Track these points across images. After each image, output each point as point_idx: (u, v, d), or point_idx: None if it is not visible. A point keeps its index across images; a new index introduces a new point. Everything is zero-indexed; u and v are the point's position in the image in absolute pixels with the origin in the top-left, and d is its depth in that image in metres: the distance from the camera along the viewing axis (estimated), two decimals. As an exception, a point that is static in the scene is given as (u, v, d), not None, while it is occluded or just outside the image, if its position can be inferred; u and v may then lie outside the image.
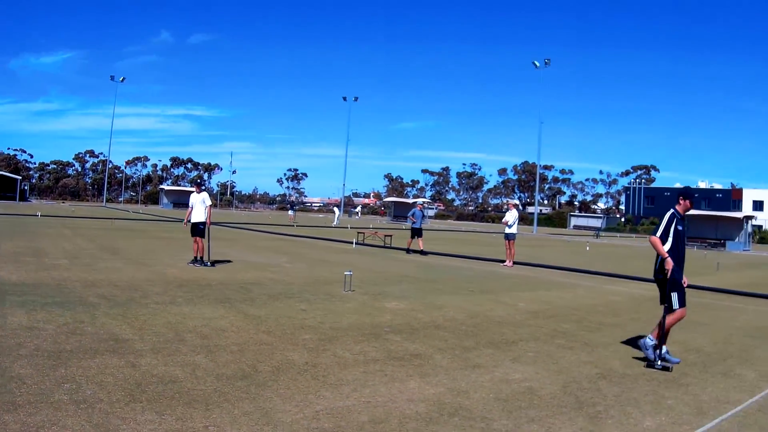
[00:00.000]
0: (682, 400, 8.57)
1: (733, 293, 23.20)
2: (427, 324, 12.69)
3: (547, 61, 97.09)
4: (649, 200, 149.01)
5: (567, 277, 25.80)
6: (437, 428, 6.65)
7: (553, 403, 7.94)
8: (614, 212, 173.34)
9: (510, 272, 26.04)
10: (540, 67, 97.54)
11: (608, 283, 24.02)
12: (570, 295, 19.43)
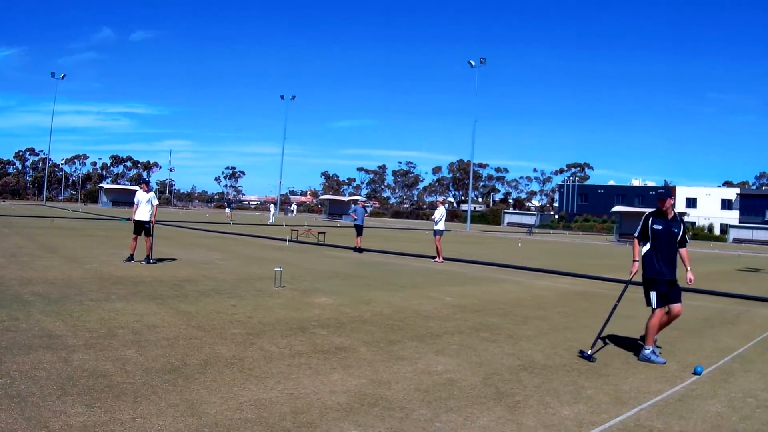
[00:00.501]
0: (602, 390, 8.78)
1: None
2: (354, 318, 12.84)
3: (483, 60, 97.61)
4: (582, 198, 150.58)
5: (496, 272, 26.07)
6: (357, 418, 6.77)
7: (473, 393, 8.10)
8: (548, 209, 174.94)
9: (440, 268, 26.23)
10: (476, 66, 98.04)
11: (537, 279, 24.32)
12: (498, 289, 19.69)
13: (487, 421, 7.06)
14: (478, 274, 24.37)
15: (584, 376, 9.50)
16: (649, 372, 10.04)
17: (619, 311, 14.70)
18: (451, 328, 12.56)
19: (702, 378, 9.92)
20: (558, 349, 11.25)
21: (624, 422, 7.45)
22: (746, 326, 15.51)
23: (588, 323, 14.28)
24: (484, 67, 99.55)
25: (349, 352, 9.89)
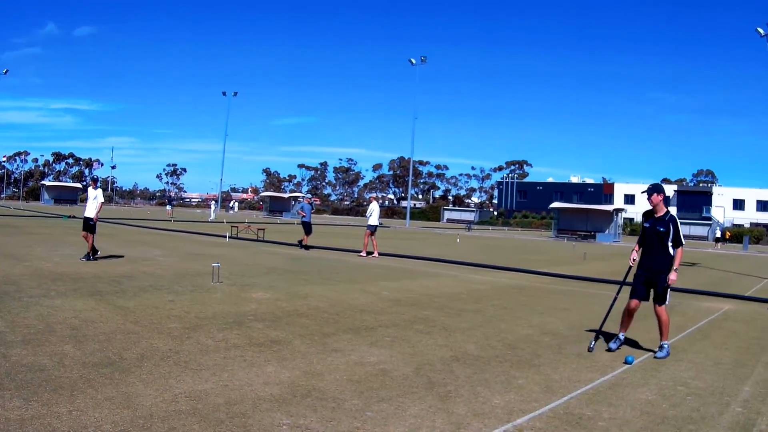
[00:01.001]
0: (533, 379, 8.94)
1: (596, 281, 24.09)
2: (290, 312, 12.92)
3: (423, 58, 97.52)
4: (521, 194, 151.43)
5: (433, 267, 26.25)
6: (289, 408, 6.85)
7: (405, 383, 8.22)
8: (488, 206, 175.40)
9: (377, 263, 26.38)
10: (416, 64, 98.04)
11: (474, 273, 24.56)
12: (435, 284, 19.83)
13: (418, 410, 7.17)
14: (415, 269, 24.52)
15: (516, 366, 9.65)
16: (580, 362, 10.23)
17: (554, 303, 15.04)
18: (386, 321, 12.70)
19: (633, 367, 10.14)
20: (491, 341, 11.40)
21: (554, 410, 7.59)
22: (679, 318, 15.76)
23: (523, 315, 14.50)
24: (424, 65, 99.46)
25: (283, 344, 9.96)
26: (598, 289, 21.47)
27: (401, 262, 27.59)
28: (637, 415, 7.66)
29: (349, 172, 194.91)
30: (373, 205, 30.87)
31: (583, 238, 75.05)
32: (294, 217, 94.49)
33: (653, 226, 11.43)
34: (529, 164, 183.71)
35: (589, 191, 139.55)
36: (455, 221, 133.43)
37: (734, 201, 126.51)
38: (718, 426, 7.45)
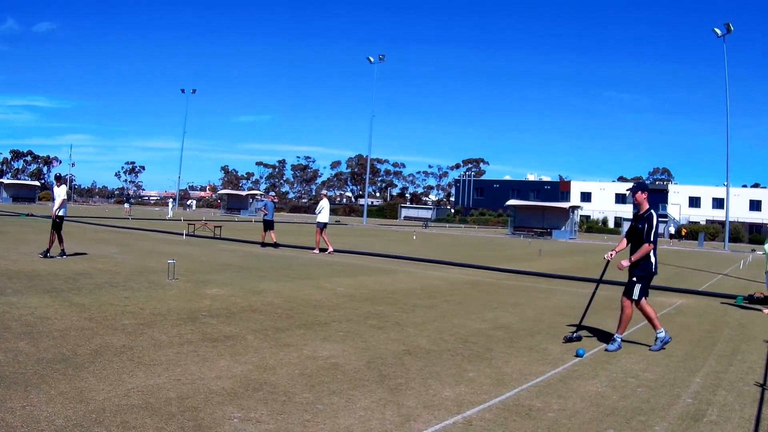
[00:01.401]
0: (484, 372, 9.04)
1: (550, 276, 24.29)
2: (244, 308, 12.95)
3: (382, 56, 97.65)
4: (478, 192, 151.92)
5: (389, 264, 26.40)
6: (241, 402, 6.91)
7: (356, 377, 8.29)
8: (445, 204, 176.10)
9: (334, 259, 26.42)
10: (375, 62, 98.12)
11: (429, 269, 24.72)
12: (389, 280, 19.97)
13: (369, 402, 7.24)
14: (371, 266, 24.60)
15: (468, 360, 9.74)
16: (531, 355, 10.35)
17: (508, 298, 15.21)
18: (340, 316, 12.77)
19: (584, 360, 10.28)
20: (444, 335, 11.51)
21: (504, 402, 7.69)
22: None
23: (476, 310, 14.62)
24: (383, 63, 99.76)
25: (237, 340, 10.00)
26: (553, 284, 21.74)
27: (357, 259, 27.67)
28: (587, 406, 7.76)
29: (307, 170, 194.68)
30: (324, 202, 30.94)
31: (539, 235, 75.48)
32: (252, 214, 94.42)
33: (635, 223, 11.64)
34: (486, 162, 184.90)
35: (545, 189, 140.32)
36: (412, 219, 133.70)
37: (690, 199, 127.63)
38: (668, 417, 7.57)
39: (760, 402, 8.49)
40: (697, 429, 7.19)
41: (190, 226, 40.43)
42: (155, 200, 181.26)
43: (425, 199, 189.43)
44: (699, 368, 10.25)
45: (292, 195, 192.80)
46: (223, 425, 6.16)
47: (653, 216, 11.41)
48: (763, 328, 14.79)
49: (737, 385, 9.33)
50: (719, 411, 7.96)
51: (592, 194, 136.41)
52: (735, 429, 7.28)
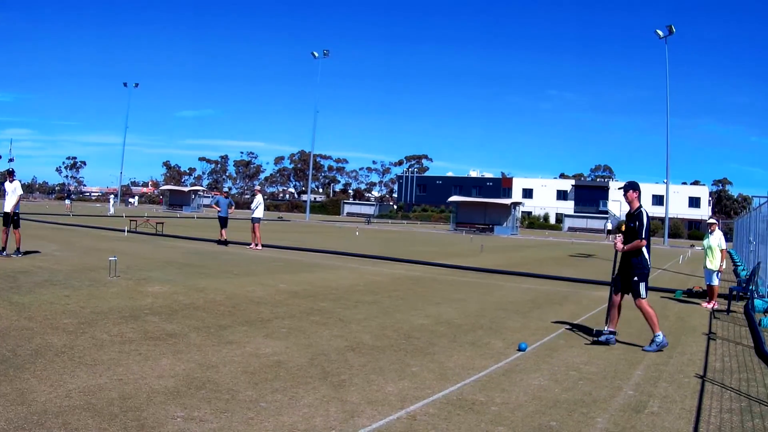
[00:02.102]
0: (427, 367, 9.12)
1: (492, 272, 24.49)
2: (186, 305, 12.88)
3: (326, 52, 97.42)
4: (421, 188, 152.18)
5: (332, 260, 26.41)
6: (184, 401, 6.88)
7: (299, 374, 8.30)
8: (388, 200, 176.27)
9: (276, 256, 26.39)
10: (319, 57, 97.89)
11: (371, 265, 24.81)
12: (332, 276, 19.97)
13: (312, 399, 7.26)
14: (313, 262, 24.59)
15: (410, 355, 9.82)
16: (474, 350, 10.44)
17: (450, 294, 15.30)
18: (282, 313, 12.76)
19: (526, 354, 10.41)
20: (387, 331, 11.58)
21: (447, 396, 7.76)
22: (573, 306, 16.21)
23: (419, 306, 14.72)
24: (327, 59, 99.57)
25: (179, 338, 9.95)
26: (494, 280, 21.91)
27: (299, 256, 27.65)
28: (530, 399, 7.88)
29: (250, 166, 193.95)
30: (259, 197, 30.73)
31: (481, 231, 76.00)
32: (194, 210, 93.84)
33: (627, 222, 11.96)
34: (430, 159, 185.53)
35: (488, 185, 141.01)
36: (355, 215, 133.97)
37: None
38: (610, 408, 7.71)
39: (700, 393, 8.69)
40: (639, 420, 7.32)
41: (132, 222, 40.13)
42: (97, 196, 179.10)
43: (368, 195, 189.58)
44: (640, 361, 10.46)
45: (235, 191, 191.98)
46: (166, 425, 6.13)
47: (643, 213, 11.74)
48: (702, 321, 15.12)
49: (678, 377, 9.54)
50: (660, 402, 8.13)
51: (533, 191, 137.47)
52: (676, 420, 7.43)
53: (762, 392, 9.04)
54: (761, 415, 7.93)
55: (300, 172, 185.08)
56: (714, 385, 9.27)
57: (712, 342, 12.81)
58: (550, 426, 6.93)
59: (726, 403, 8.37)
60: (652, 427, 7.14)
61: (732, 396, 8.73)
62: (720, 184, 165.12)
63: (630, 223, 11.84)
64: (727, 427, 7.36)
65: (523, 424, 6.91)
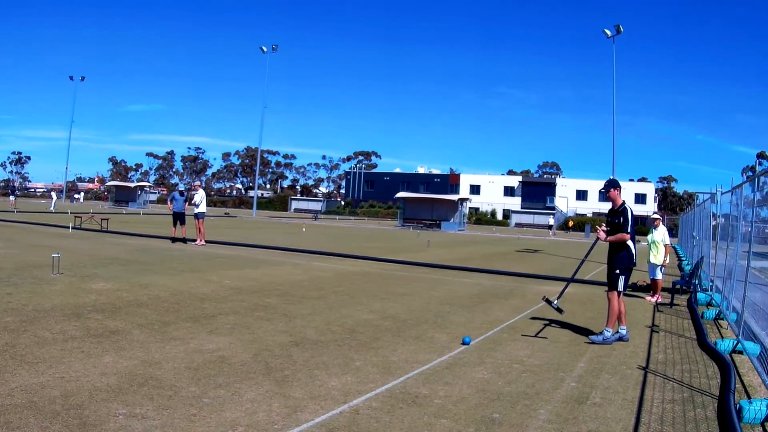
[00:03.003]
0: (371, 361, 9.19)
1: (438, 267, 24.60)
2: (130, 302, 12.81)
3: (275, 46, 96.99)
4: (369, 184, 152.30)
5: (277, 255, 26.44)
6: (126, 398, 6.85)
7: (242, 369, 8.32)
8: (335, 196, 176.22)
9: (220, 252, 26.35)
10: (268, 52, 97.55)
11: (317, 261, 24.84)
12: (277, 272, 19.98)
13: (255, 394, 7.28)
14: (259, 258, 24.56)
15: (354, 349, 9.87)
16: (418, 344, 10.54)
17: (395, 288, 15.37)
18: (227, 309, 12.75)
19: (470, 347, 10.53)
20: (332, 326, 11.63)
21: (390, 390, 7.83)
22: (518, 300, 16.34)
23: (364, 301, 14.79)
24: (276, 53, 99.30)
25: (122, 335, 9.89)
26: (440, 275, 22.04)
27: (245, 252, 27.58)
28: (473, 392, 7.97)
29: (197, 161, 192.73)
30: (201, 192, 30.51)
31: (428, 226, 76.16)
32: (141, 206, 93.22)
33: (611, 218, 12.08)
34: (378, 155, 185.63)
35: (435, 182, 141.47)
36: (303, 211, 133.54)
37: (577, 192, 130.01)
38: (553, 400, 7.83)
39: (642, 384, 8.86)
40: (581, 411, 7.44)
41: (76, 218, 39.72)
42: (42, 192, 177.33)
43: (316, 191, 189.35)
44: (583, 353, 10.60)
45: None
46: (108, 422, 6.11)
47: (627, 209, 11.89)
48: (645, 315, 15.35)
49: (620, 369, 9.70)
50: (603, 393, 8.28)
51: (481, 187, 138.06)
52: (618, 410, 7.57)
53: (704, 383, 9.24)
54: (703, 404, 8.11)
55: (247, 167, 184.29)
56: (657, 376, 9.45)
57: (655, 334, 13.03)
58: (492, 418, 7.02)
59: (668, 393, 8.54)
60: (594, 417, 7.26)
61: (674, 387, 8.91)
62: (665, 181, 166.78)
63: (614, 219, 12.00)
64: (669, 416, 7.51)
65: (466, 417, 6.99)
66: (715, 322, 15.39)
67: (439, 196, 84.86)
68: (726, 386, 8.57)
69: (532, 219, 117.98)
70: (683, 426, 7.21)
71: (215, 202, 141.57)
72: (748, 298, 11.82)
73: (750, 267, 11.77)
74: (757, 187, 11.90)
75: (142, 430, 5.97)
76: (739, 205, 14.23)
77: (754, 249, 11.74)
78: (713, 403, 8.21)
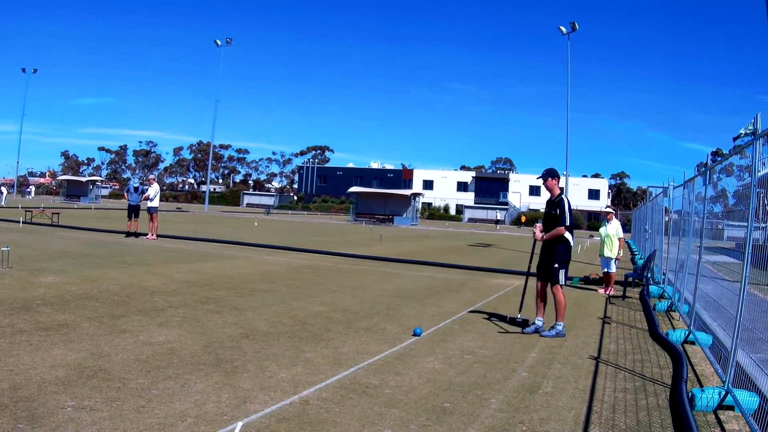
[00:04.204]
0: (321, 353, 9.21)
1: (389, 260, 24.73)
2: (80, 296, 12.70)
3: (229, 40, 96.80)
4: (321, 179, 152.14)
5: (229, 249, 26.40)
6: (75, 390, 6.81)
7: (192, 361, 8.31)
8: (288, 191, 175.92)
9: (171, 246, 26.27)
10: (222, 45, 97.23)
11: (268, 254, 24.88)
12: (229, 265, 19.96)
13: (204, 386, 7.28)
14: (210, 252, 24.54)
15: (305, 341, 9.90)
16: (369, 336, 10.59)
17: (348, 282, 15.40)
18: (177, 302, 12.71)
19: (421, 339, 10.60)
20: (282, 318, 11.65)
21: (340, 381, 7.86)
22: (470, 293, 16.44)
23: (315, 294, 14.82)
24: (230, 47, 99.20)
25: (71, 328, 9.82)
26: (392, 268, 22.15)
27: (197, 245, 27.53)
28: (424, 382, 8.03)
29: (150, 156, 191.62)
30: (156, 186, 30.33)
31: (381, 221, 76.47)
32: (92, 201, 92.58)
33: (548, 209, 12.01)
34: (331, 150, 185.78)
35: (388, 177, 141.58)
36: (255, 206, 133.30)
37: (530, 187, 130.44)
38: (504, 390, 7.91)
39: (594, 374, 8.98)
40: (533, 400, 7.53)
41: (27, 213, 39.39)
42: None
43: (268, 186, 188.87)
44: (534, 344, 10.74)
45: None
46: (57, 414, 6.08)
47: (564, 200, 11.79)
48: (598, 307, 15.54)
49: (572, 359, 9.83)
50: (554, 383, 8.39)
51: (434, 182, 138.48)
52: (570, 399, 7.67)
53: (656, 372, 9.39)
54: (655, 393, 8.25)
55: (200, 162, 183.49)
56: (608, 366, 9.58)
57: (607, 326, 13.19)
58: (443, 408, 7.07)
59: (620, 382, 8.67)
60: (546, 406, 7.35)
61: (626, 376, 9.05)
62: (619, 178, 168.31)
63: (551, 211, 11.96)
64: (621, 405, 7.61)
65: (417, 406, 7.04)
66: (667, 314, 15.62)
67: (392, 191, 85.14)
68: (678, 375, 8.73)
69: (485, 214, 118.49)
70: (635, 414, 7.32)
71: (167, 196, 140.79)
72: (700, 290, 12.00)
73: (702, 260, 11.94)
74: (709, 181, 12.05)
75: (91, 422, 5.94)
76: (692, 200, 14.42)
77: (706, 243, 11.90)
78: (665, 391, 8.35)
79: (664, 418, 7.21)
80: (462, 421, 6.66)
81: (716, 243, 12.41)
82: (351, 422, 6.41)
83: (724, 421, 7.40)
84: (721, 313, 10.83)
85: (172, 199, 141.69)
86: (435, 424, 6.53)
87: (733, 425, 7.29)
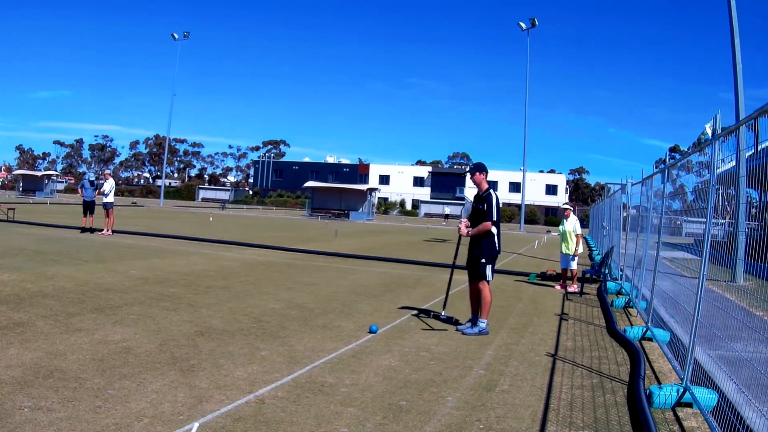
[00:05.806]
0: (277, 351, 9.24)
1: (345, 256, 24.74)
2: (35, 293, 12.61)
3: (186, 34, 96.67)
4: (277, 174, 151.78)
5: (183, 245, 26.35)
6: (31, 390, 6.79)
7: (147, 360, 8.30)
8: (243, 185, 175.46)
9: (126, 242, 26.10)
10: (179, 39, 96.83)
11: (223, 250, 24.82)
12: (183, 261, 19.93)
13: (160, 385, 7.28)
14: (165, 248, 24.41)
15: (260, 339, 9.92)
16: (325, 333, 10.64)
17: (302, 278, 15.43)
18: (132, 299, 12.66)
19: (377, 336, 10.66)
20: (237, 315, 11.66)
21: (296, 379, 7.90)
22: (425, 289, 16.55)
23: (271, 291, 14.84)
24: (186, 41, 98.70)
25: (26, 326, 9.76)
26: (347, 264, 22.21)
27: (151, 241, 27.37)
28: (380, 380, 8.10)
29: (105, 150, 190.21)
30: (111, 181, 30.12)
31: (337, 216, 76.66)
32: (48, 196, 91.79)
33: (475, 204, 12.01)
34: (287, 144, 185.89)
35: (344, 171, 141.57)
36: (210, 200, 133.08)
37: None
38: (461, 387, 7.99)
39: (551, 371, 9.09)
40: (489, 398, 7.62)
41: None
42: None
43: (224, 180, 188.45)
44: (491, 341, 10.83)
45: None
46: (14, 415, 6.07)
47: (492, 195, 11.81)
48: (555, 303, 15.68)
49: (529, 356, 9.93)
50: (511, 381, 8.48)
51: (390, 177, 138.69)
52: (527, 397, 7.78)
53: (614, 369, 9.52)
54: (613, 390, 8.38)
55: (155, 156, 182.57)
56: (565, 363, 9.71)
57: (564, 322, 13.33)
58: (400, 405, 7.14)
59: (577, 379, 8.79)
60: (502, 404, 7.44)
61: (583, 373, 9.18)
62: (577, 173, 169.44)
63: (478, 205, 11.95)
64: (579, 402, 7.73)
65: (373, 404, 7.11)
66: (625, 311, 15.80)
67: (348, 186, 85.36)
68: (636, 372, 8.83)
69: (441, 209, 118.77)
70: (593, 411, 7.43)
71: (123, 191, 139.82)
72: (658, 286, 12.15)
73: (660, 257, 12.08)
74: (668, 178, 12.18)
75: (48, 422, 5.93)
76: (650, 196, 14.57)
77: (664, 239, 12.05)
78: (623, 388, 8.48)
79: (621, 416, 7.32)
80: (419, 420, 6.73)
81: (675, 239, 12.57)
82: (307, 421, 6.45)
83: (682, 419, 7.52)
84: (679, 309, 10.97)
85: (128, 193, 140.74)
86: (391, 422, 6.59)
87: (692, 422, 7.41)
